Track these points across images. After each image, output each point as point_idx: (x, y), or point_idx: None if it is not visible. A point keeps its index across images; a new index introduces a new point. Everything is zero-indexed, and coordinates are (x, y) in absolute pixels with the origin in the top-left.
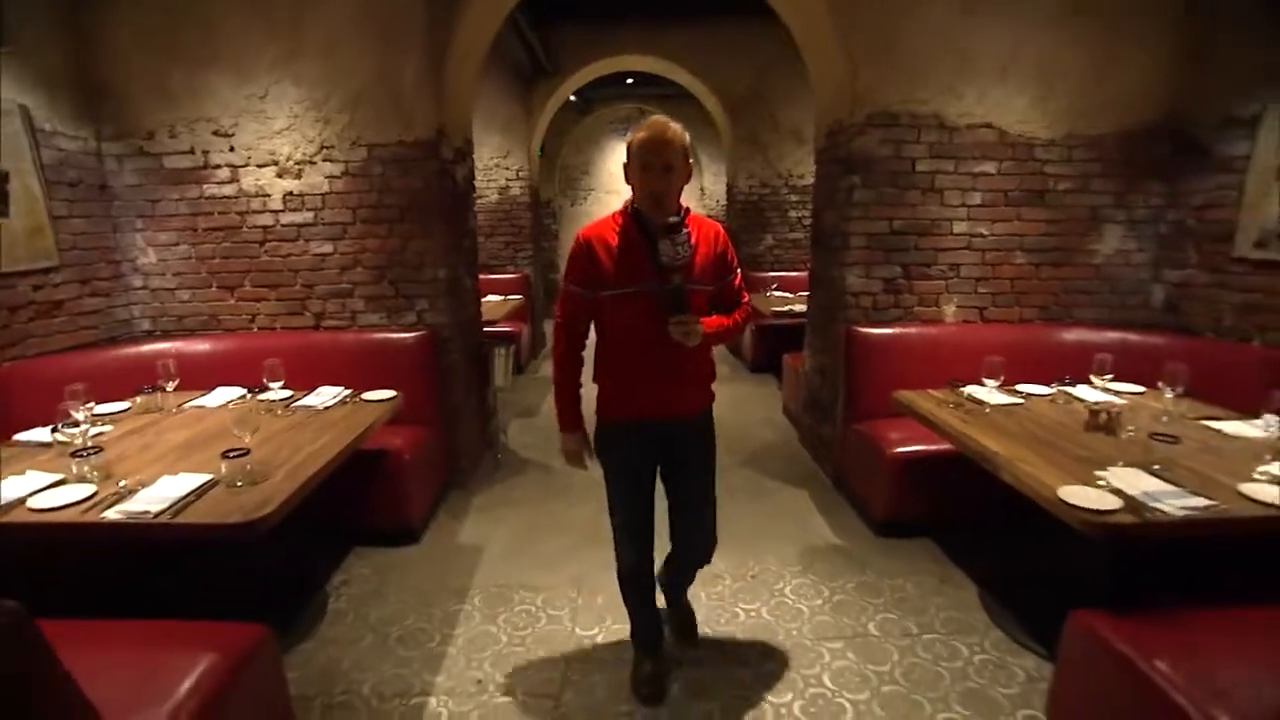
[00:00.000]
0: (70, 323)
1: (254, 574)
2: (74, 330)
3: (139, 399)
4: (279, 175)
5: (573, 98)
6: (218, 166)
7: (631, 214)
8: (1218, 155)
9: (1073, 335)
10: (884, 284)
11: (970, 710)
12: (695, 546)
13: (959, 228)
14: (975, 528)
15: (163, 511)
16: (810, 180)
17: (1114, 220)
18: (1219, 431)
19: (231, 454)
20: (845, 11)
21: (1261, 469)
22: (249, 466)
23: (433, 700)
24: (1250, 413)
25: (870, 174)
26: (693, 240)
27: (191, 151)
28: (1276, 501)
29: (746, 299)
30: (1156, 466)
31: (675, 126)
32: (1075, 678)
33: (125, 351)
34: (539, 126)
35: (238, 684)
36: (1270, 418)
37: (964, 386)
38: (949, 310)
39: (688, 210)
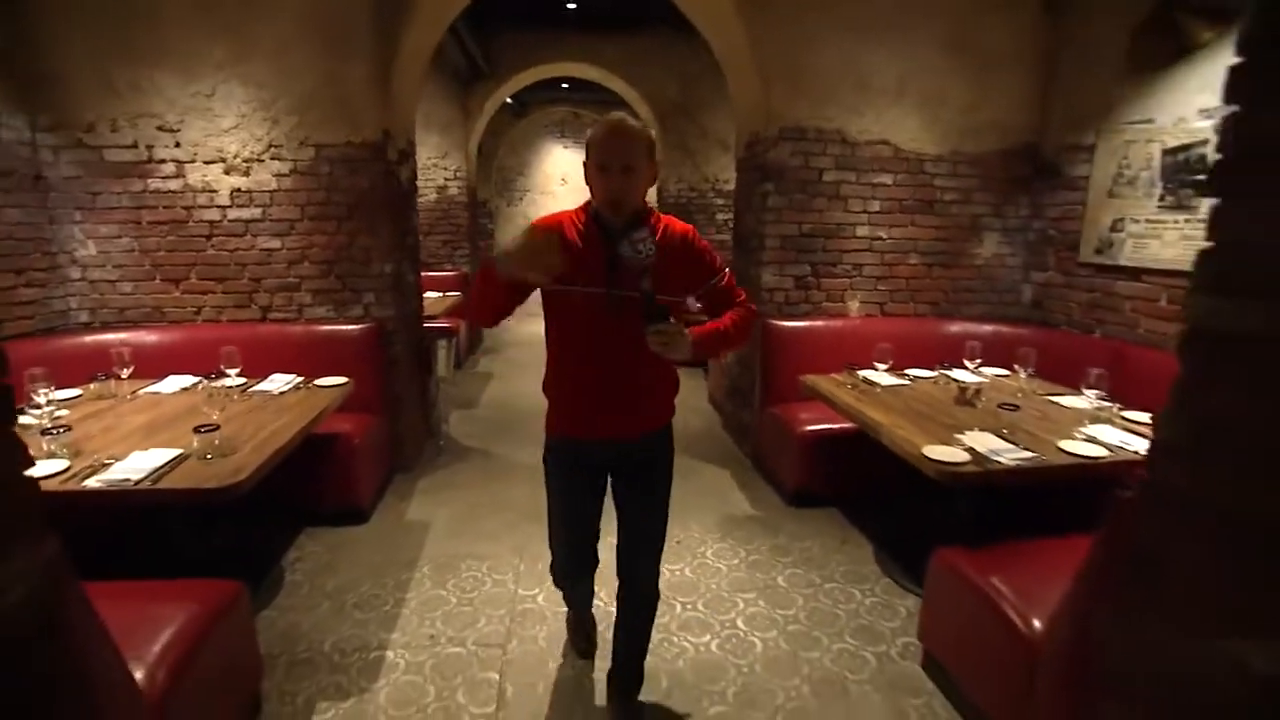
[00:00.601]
0: (6, 312)
1: (210, 553)
2: (10, 320)
3: (92, 385)
4: (226, 172)
5: (509, 100)
6: (162, 161)
7: (592, 214)
8: (1067, 176)
9: (957, 327)
10: (795, 281)
11: (860, 641)
12: (634, 556)
13: (861, 231)
14: (874, 496)
15: (143, 479)
16: (734, 185)
17: (992, 228)
18: (1056, 403)
19: (203, 429)
20: (760, 37)
21: (1080, 430)
22: (217, 441)
23: (390, 653)
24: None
25: (783, 182)
26: (656, 238)
27: (135, 146)
28: (1079, 453)
29: (744, 297)
30: (1004, 430)
31: (637, 123)
32: (937, 601)
33: (65, 342)
34: (476, 128)
35: (216, 631)
36: (1089, 392)
37: (860, 370)
38: (853, 305)
39: (652, 211)
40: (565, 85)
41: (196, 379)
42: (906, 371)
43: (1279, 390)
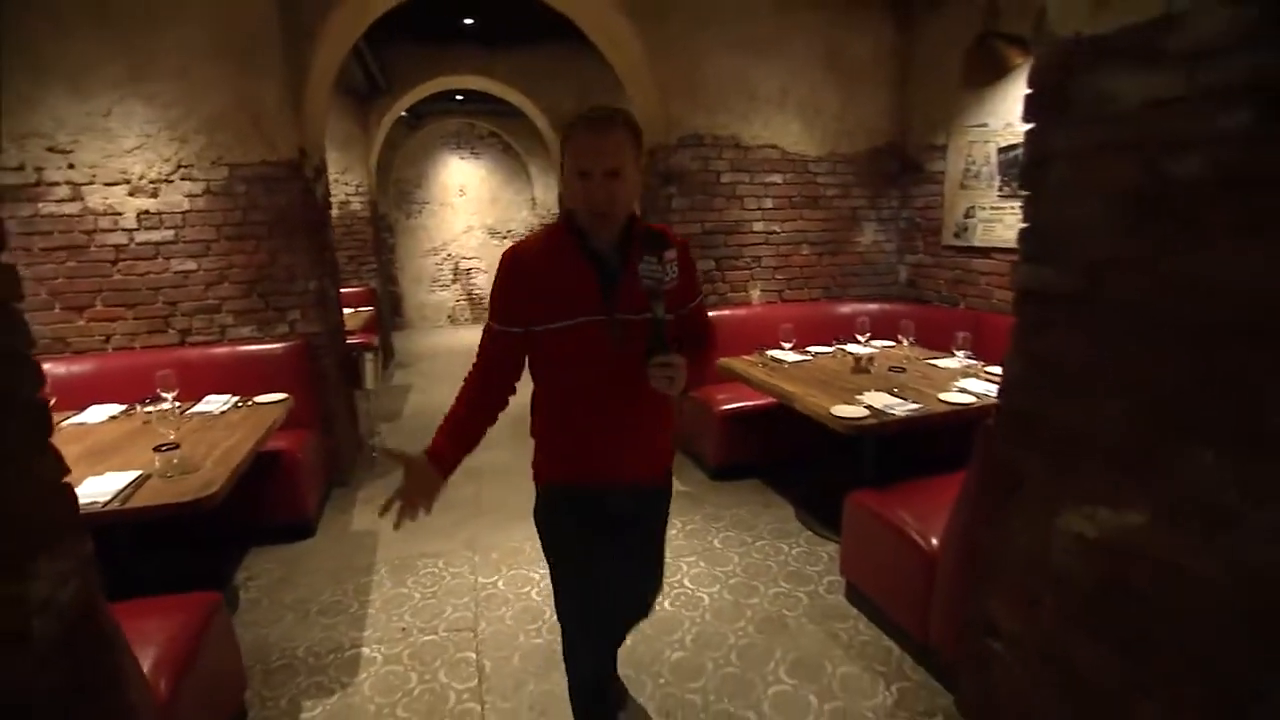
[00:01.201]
0: None
1: (158, 577)
2: None
3: None
4: (131, 194)
5: (404, 114)
6: (55, 184)
7: (574, 231)
8: (928, 171)
9: (847, 308)
10: (702, 276)
11: (791, 584)
12: (641, 595)
13: (757, 227)
14: (790, 463)
15: (109, 501)
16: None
17: (869, 219)
18: (934, 365)
19: (163, 448)
20: (657, 53)
21: (954, 384)
22: (174, 460)
23: (365, 649)
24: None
25: (684, 185)
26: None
27: (21, 168)
28: (955, 401)
29: (713, 326)
30: (895, 389)
31: (621, 115)
32: (853, 537)
33: None
34: (375, 143)
35: (205, 641)
36: (959, 353)
37: (768, 351)
38: (755, 294)
39: (640, 218)
40: (459, 97)
41: (123, 406)
42: (808, 349)
43: (1078, 331)
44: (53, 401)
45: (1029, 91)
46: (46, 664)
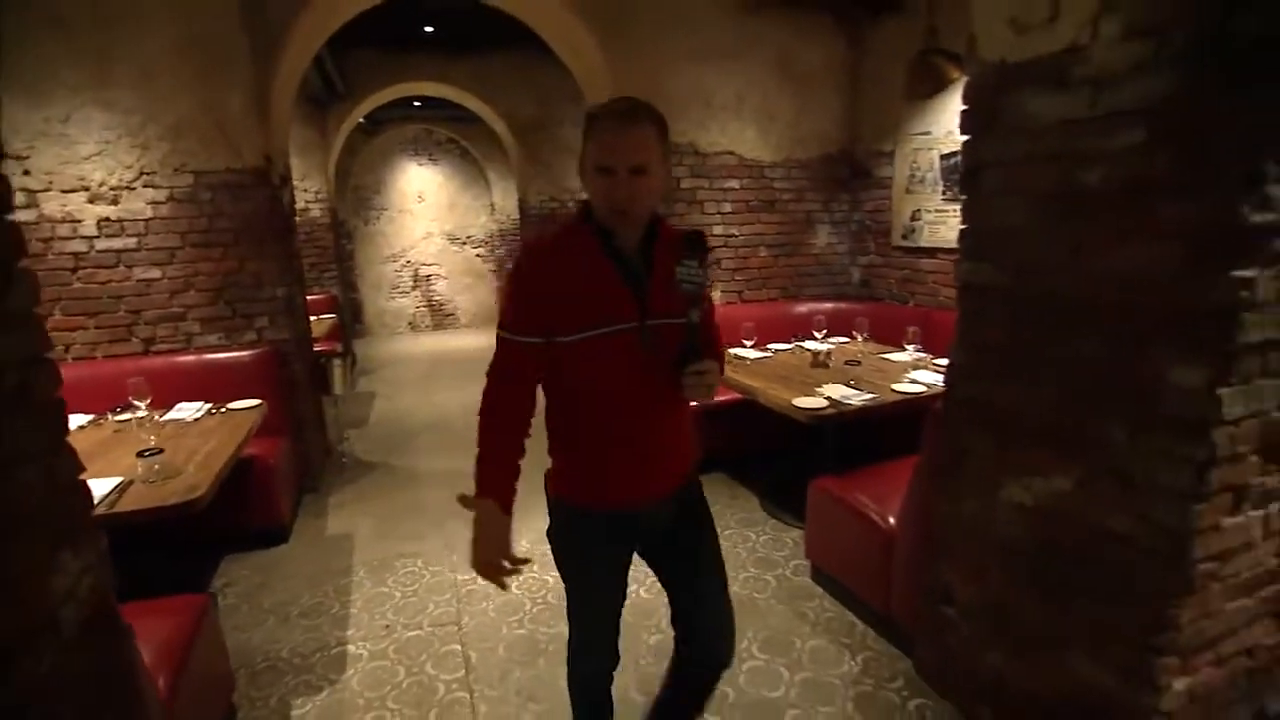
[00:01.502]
0: None
1: (134, 586)
2: None
3: None
4: (90, 201)
5: (361, 120)
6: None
7: (597, 231)
8: (876, 176)
9: (804, 307)
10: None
11: (759, 569)
12: (710, 631)
13: (717, 230)
14: (754, 457)
15: (98, 506)
16: None
17: (823, 221)
18: (887, 359)
19: (146, 453)
20: (617, 62)
21: (906, 376)
22: (156, 466)
23: (350, 647)
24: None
25: None
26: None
27: None
28: (907, 391)
29: (719, 330)
30: (851, 381)
31: (646, 109)
32: (816, 521)
33: None
34: (334, 148)
35: (197, 641)
36: (909, 347)
37: (730, 349)
38: (716, 295)
39: (661, 219)
40: (417, 104)
41: (91, 416)
42: (768, 346)
43: (1011, 321)
44: None
45: (964, 108)
46: (71, 652)
